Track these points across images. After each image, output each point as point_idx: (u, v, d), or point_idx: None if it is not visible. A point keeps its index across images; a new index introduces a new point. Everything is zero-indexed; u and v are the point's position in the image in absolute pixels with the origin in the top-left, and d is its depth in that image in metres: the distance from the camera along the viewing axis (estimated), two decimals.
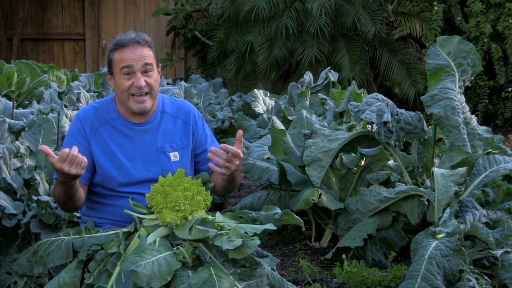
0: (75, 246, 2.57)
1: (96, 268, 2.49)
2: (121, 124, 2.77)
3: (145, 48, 2.72)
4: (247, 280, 2.40)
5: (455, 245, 2.98)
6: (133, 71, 2.69)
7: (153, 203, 2.52)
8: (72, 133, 2.76)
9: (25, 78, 6.71)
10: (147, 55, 2.72)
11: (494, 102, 9.02)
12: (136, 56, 2.69)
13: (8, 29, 11.27)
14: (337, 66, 8.76)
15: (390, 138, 3.91)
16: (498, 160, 3.71)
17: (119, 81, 2.71)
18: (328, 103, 5.38)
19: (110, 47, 2.78)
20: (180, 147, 2.83)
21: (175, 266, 2.31)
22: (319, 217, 4.27)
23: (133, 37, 2.71)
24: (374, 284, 3.43)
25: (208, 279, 2.29)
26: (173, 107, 2.90)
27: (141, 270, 2.22)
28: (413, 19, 9.17)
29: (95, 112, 2.78)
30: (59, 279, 2.52)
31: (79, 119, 2.77)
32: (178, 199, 2.47)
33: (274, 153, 4.23)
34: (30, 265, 2.61)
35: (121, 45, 2.71)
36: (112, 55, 2.74)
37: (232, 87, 9.47)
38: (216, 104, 7.19)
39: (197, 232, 2.43)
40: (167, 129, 2.83)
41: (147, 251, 2.32)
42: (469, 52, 3.81)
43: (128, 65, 2.68)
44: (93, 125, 2.75)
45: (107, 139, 2.74)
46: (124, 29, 11.51)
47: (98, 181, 2.74)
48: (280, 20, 8.82)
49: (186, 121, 2.89)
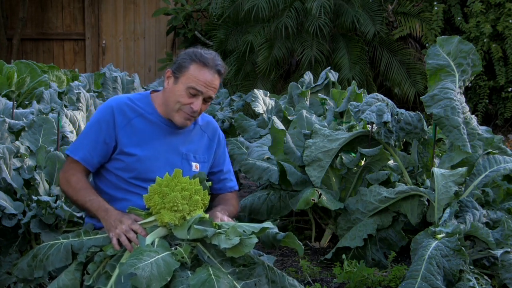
0: (74, 248, 2.57)
1: (95, 270, 2.49)
2: (155, 119, 2.78)
3: (219, 79, 2.74)
4: (246, 279, 2.40)
5: (455, 245, 2.98)
6: (199, 95, 2.69)
7: (151, 203, 2.52)
8: (98, 120, 2.74)
9: (25, 78, 6.70)
10: (217, 86, 2.73)
11: (494, 102, 9.02)
12: (210, 84, 2.68)
13: (8, 29, 11.27)
14: (337, 66, 8.76)
15: (390, 138, 3.91)
16: (498, 160, 3.71)
17: (180, 92, 2.70)
18: (328, 103, 5.38)
19: (188, 53, 2.73)
20: (201, 160, 2.85)
21: (174, 265, 2.31)
22: (319, 217, 4.27)
23: (216, 63, 2.70)
24: (374, 284, 3.43)
25: (207, 280, 2.29)
26: (203, 121, 2.93)
27: (140, 273, 2.22)
28: (413, 19, 9.17)
29: (130, 104, 2.77)
30: (59, 282, 2.52)
31: (112, 108, 2.75)
32: (176, 199, 2.47)
33: (274, 153, 4.23)
34: (30, 270, 2.61)
35: (203, 63, 2.68)
36: (188, 63, 2.69)
37: (232, 87, 9.48)
38: (216, 104, 7.18)
39: (196, 232, 2.43)
40: (194, 139, 2.86)
41: (145, 253, 2.32)
42: (469, 52, 3.81)
43: (200, 90, 2.67)
44: (126, 116, 2.74)
45: (138, 131, 2.74)
46: (124, 29, 11.53)
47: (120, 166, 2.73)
48: (280, 20, 8.82)
49: (212, 138, 2.93)
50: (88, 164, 2.73)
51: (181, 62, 2.71)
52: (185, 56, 2.72)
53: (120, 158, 2.73)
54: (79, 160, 2.72)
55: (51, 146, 3.87)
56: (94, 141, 2.72)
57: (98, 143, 2.71)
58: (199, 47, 2.79)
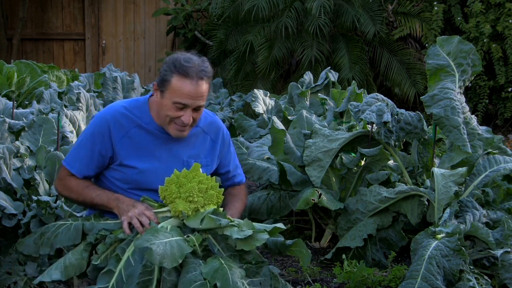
0: (85, 228, 2.60)
1: (104, 252, 2.50)
2: (152, 130, 2.71)
3: (205, 84, 2.62)
4: (252, 277, 2.41)
5: (455, 245, 2.98)
6: (186, 107, 2.61)
7: (166, 193, 2.52)
8: (93, 133, 2.69)
9: (25, 78, 6.70)
10: (205, 93, 2.62)
11: (494, 102, 9.01)
12: (195, 94, 2.58)
13: (8, 29, 11.26)
14: (337, 66, 8.76)
15: (390, 138, 3.91)
16: (498, 160, 3.71)
17: (168, 106, 2.61)
18: (328, 103, 5.39)
19: (169, 64, 2.62)
20: (204, 164, 2.78)
21: (186, 250, 2.34)
22: (319, 217, 4.27)
23: (199, 70, 2.58)
24: (374, 284, 3.43)
25: (219, 268, 2.32)
26: (206, 122, 2.84)
27: (155, 248, 2.24)
28: (413, 19, 9.17)
29: (125, 115, 2.69)
30: (65, 260, 2.53)
31: (107, 121, 2.68)
32: (193, 190, 2.48)
33: (274, 153, 4.23)
34: (36, 246, 2.64)
35: (184, 74, 2.57)
36: (169, 76, 2.59)
37: (232, 87, 9.47)
38: (216, 104, 7.19)
39: (209, 221, 2.44)
40: (195, 144, 2.79)
41: (160, 232, 2.35)
42: (469, 52, 3.81)
43: (185, 103, 2.59)
44: (122, 128, 2.67)
45: (136, 142, 2.68)
46: (124, 29, 11.53)
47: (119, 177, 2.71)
48: (280, 20, 8.82)
49: (215, 139, 2.85)
50: (84, 176, 2.71)
51: (163, 75, 2.63)
52: (166, 68, 2.62)
53: (119, 169, 2.70)
54: (75, 173, 2.70)
55: (51, 146, 3.87)
56: (90, 155, 2.68)
57: (94, 156, 2.68)
58: (182, 52, 2.68)
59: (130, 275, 2.36)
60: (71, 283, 3.08)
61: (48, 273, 2.51)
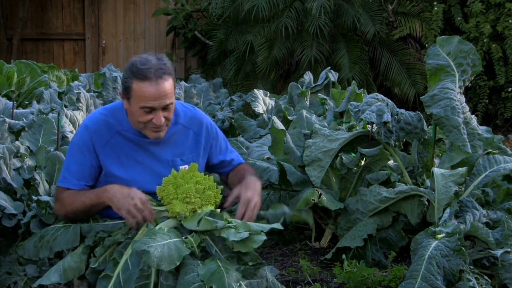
0: (83, 231, 2.60)
1: (103, 254, 2.50)
2: (132, 135, 2.70)
3: (167, 81, 2.59)
4: (249, 278, 2.41)
5: (455, 245, 2.98)
6: (154, 109, 2.59)
7: (164, 194, 2.52)
8: (78, 146, 2.69)
9: (25, 78, 6.70)
10: (169, 90, 2.59)
11: (494, 102, 9.01)
12: (158, 94, 2.55)
13: (8, 29, 11.26)
14: (337, 66, 8.75)
15: (390, 138, 3.91)
16: (498, 160, 3.71)
17: (137, 113, 2.60)
18: (328, 103, 5.38)
19: (127, 70, 2.60)
20: (190, 160, 2.76)
21: (184, 251, 2.34)
22: (319, 217, 4.27)
23: (155, 69, 2.55)
24: (374, 284, 3.43)
25: (216, 271, 2.32)
26: (186, 117, 2.82)
27: (153, 251, 2.25)
28: (413, 19, 9.16)
29: (105, 123, 2.69)
30: (64, 263, 2.54)
31: (88, 130, 2.68)
32: (190, 191, 2.48)
33: (274, 153, 4.23)
34: (36, 250, 2.66)
35: (142, 78, 2.55)
36: (130, 82, 2.58)
37: (232, 87, 9.47)
38: (216, 104, 7.18)
39: (206, 223, 2.44)
40: (177, 141, 2.78)
41: (158, 235, 2.36)
42: (469, 52, 3.81)
43: (152, 106, 2.56)
44: (103, 137, 2.67)
45: (118, 150, 2.68)
46: (124, 29, 11.53)
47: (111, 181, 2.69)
48: (280, 20, 8.81)
49: (198, 133, 2.83)
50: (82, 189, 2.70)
51: (123, 82, 2.61)
52: (126, 75, 2.61)
53: (107, 179, 2.69)
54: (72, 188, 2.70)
55: (51, 146, 3.87)
56: (81, 168, 2.68)
57: (85, 168, 2.68)
58: (140, 55, 2.65)
59: (128, 279, 2.36)
60: (71, 283, 3.08)
61: (47, 276, 2.52)
